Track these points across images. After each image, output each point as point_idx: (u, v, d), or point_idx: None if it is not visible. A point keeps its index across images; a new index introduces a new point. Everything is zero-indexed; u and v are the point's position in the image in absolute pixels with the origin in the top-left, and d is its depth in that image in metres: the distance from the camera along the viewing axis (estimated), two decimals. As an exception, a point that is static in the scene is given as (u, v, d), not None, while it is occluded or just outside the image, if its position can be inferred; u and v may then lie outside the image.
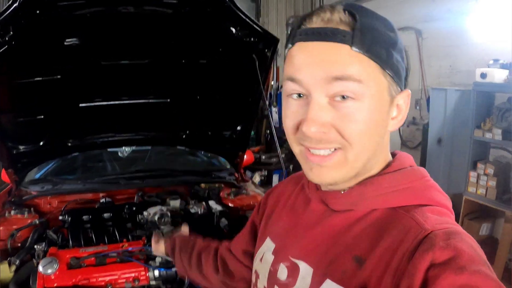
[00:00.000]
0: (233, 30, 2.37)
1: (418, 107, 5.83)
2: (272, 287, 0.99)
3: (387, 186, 0.83)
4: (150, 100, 2.73)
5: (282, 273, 0.95)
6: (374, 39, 0.77)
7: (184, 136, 3.13)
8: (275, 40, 2.52)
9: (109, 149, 3.35)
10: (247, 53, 2.50)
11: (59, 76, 2.33)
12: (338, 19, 0.77)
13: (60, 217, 2.54)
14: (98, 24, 2.10)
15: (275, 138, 2.70)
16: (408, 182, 0.84)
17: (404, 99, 0.84)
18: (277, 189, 1.17)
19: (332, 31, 0.76)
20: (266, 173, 7.10)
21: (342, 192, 0.86)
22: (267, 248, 1.04)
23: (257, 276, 1.07)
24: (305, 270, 0.88)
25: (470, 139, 4.79)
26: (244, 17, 2.26)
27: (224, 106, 2.97)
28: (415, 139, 6.03)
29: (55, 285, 1.96)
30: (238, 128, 3.14)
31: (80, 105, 2.58)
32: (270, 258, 1.01)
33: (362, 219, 0.83)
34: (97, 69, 2.37)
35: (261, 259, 1.06)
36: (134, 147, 3.41)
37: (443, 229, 0.74)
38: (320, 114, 0.77)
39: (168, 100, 2.78)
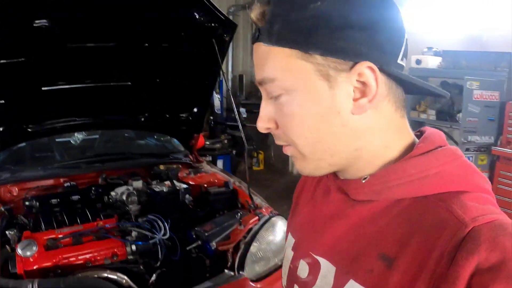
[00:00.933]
0: (196, 15, 2.45)
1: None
2: (291, 286, 0.91)
3: (414, 172, 0.70)
4: (112, 84, 2.74)
5: (303, 270, 0.86)
6: (283, 24, 0.68)
7: (143, 119, 3.17)
8: (234, 26, 2.64)
9: (58, 139, 3.34)
10: (207, 38, 2.59)
11: (23, 59, 2.29)
12: (256, 16, 0.72)
13: (27, 203, 2.53)
14: (69, 5, 2.09)
15: (239, 123, 2.80)
16: (439, 165, 0.71)
17: (364, 73, 0.67)
18: (302, 179, 1.05)
19: (254, 32, 0.74)
20: (210, 159, 7.19)
21: (363, 181, 0.75)
22: (288, 244, 0.96)
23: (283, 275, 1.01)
24: (327, 268, 0.79)
25: (410, 121, 5.13)
26: (207, 3, 2.35)
27: (182, 89, 3.04)
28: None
29: (35, 267, 1.97)
30: (195, 110, 3.24)
31: (43, 88, 2.55)
32: (289, 254, 0.93)
33: (387, 210, 0.72)
34: (63, 52, 2.35)
35: (284, 256, 0.99)
36: (85, 135, 3.42)
37: (487, 223, 0.63)
38: (265, 111, 0.76)
39: (129, 83, 2.81)
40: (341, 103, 0.69)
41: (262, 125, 0.76)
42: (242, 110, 7.36)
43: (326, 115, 0.70)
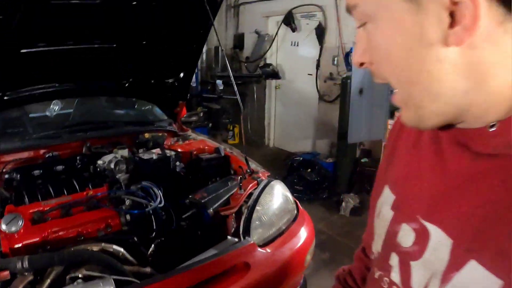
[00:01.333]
0: (187, -29, 2.29)
1: (335, 63, 6.03)
2: (387, 254, 0.75)
3: None
4: (96, 45, 2.53)
5: (405, 237, 0.70)
6: None
7: (127, 85, 2.99)
8: None
9: (32, 115, 3.09)
10: (198, -2, 2.42)
11: (1, 17, 2.02)
12: None
13: (6, 176, 2.32)
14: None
15: (235, 89, 2.68)
16: None
17: None
18: (398, 121, 0.84)
19: None
20: (188, 131, 7.07)
21: (491, 129, 0.58)
22: (384, 201, 0.79)
23: (372, 238, 0.84)
24: (439, 239, 0.63)
25: (388, 91, 5.10)
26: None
27: (169, 52, 2.87)
28: (332, 93, 6.23)
29: (22, 243, 1.80)
30: (181, 75, 3.08)
31: (22, 51, 2.30)
32: (388, 214, 0.76)
33: None
34: (45, 9, 2.11)
35: (378, 215, 0.82)
36: (61, 106, 3.21)
37: None
38: (358, 44, 0.65)
39: (114, 45, 2.60)
40: (432, 31, 0.53)
41: (357, 59, 0.65)
42: (219, 82, 7.18)
43: (415, 47, 0.55)
